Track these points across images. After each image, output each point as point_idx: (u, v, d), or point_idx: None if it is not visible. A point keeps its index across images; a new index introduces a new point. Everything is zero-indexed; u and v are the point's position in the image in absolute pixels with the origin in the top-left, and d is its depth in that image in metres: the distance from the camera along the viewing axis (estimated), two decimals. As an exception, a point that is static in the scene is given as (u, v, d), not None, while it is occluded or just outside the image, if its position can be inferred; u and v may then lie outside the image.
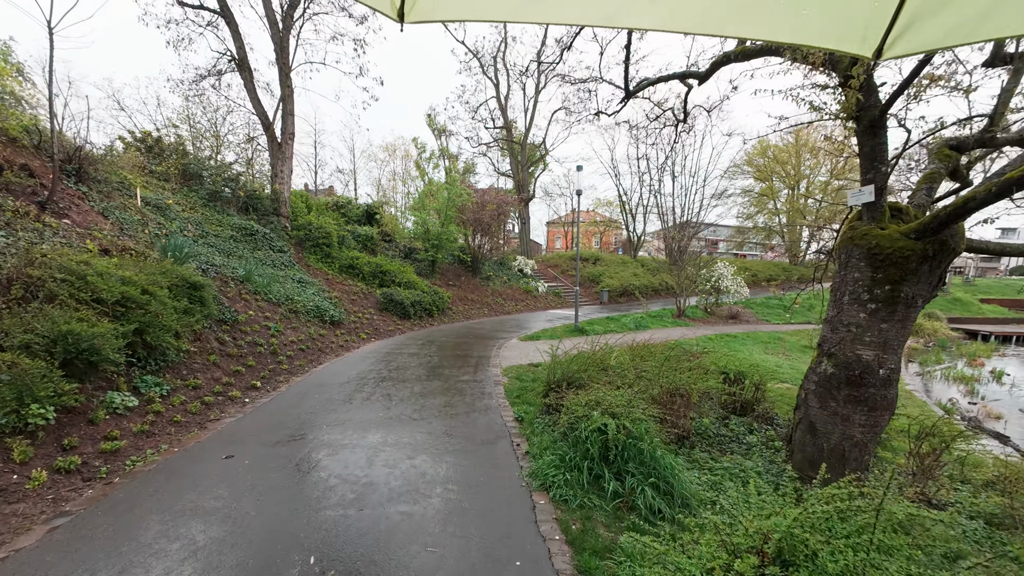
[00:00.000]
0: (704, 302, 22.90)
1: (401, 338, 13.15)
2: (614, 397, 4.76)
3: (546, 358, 11.39)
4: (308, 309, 11.57)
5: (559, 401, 5.74)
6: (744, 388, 8.27)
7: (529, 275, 24.97)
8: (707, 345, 15.72)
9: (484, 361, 10.26)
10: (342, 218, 19.53)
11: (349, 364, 9.52)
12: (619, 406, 4.58)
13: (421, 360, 10.06)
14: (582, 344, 13.83)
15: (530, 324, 17.24)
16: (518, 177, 30.81)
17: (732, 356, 12.05)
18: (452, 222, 20.19)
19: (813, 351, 5.38)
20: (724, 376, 8.63)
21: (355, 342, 11.86)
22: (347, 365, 9.43)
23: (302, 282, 12.84)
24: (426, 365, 9.57)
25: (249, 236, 13.32)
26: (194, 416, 6.02)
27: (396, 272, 16.84)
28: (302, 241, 15.70)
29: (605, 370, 7.21)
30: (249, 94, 15.41)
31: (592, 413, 4.46)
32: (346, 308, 13.47)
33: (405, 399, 7.11)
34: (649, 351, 9.51)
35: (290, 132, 15.79)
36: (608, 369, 7.21)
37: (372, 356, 10.36)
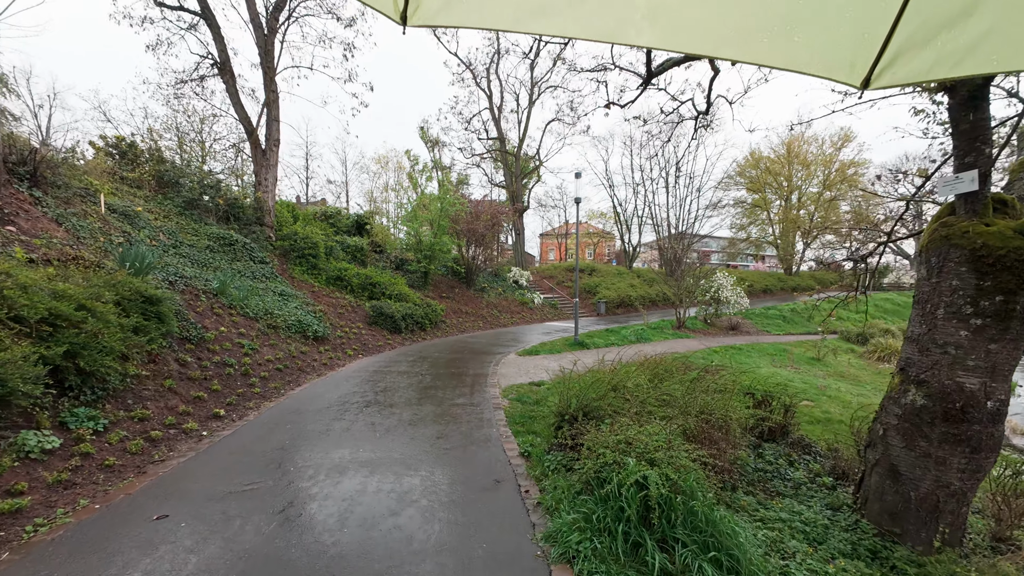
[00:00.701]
0: (704, 313, 22.04)
1: (391, 354, 12.06)
2: (648, 436, 3.75)
3: (547, 375, 10.38)
4: (289, 324, 10.48)
5: (576, 438, 4.70)
6: (772, 410, 7.30)
7: (524, 287, 24.00)
8: (712, 358, 14.79)
9: (480, 380, 9.21)
10: (331, 228, 18.48)
11: (332, 385, 8.42)
12: (657, 448, 3.57)
13: (412, 380, 8.98)
14: (585, 358, 12.84)
15: (527, 337, 16.22)
16: (512, 188, 30.00)
17: (752, 373, 11.10)
18: (445, 232, 19.22)
19: (818, 363, 4.42)
20: (749, 396, 7.66)
21: (341, 359, 10.75)
22: (329, 386, 8.33)
23: (284, 295, 11.75)
24: (417, 386, 8.50)
25: (228, 246, 12.24)
26: (133, 457, 4.90)
27: (387, 284, 15.78)
28: (287, 252, 14.63)
29: (617, 389, 6.20)
30: (232, 99, 14.43)
31: (626, 460, 3.44)
32: (332, 322, 12.38)
33: (392, 429, 6.04)
34: (666, 369, 8.53)
35: (275, 138, 14.81)
36: (624, 391, 6.19)
37: (358, 375, 9.27)
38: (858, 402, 11.62)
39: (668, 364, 9.29)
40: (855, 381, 14.77)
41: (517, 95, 30.06)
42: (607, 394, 5.41)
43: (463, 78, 29.99)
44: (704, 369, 9.67)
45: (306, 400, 7.40)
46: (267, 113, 14.71)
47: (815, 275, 36.69)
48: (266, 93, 14.55)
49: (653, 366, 9.09)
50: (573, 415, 5.03)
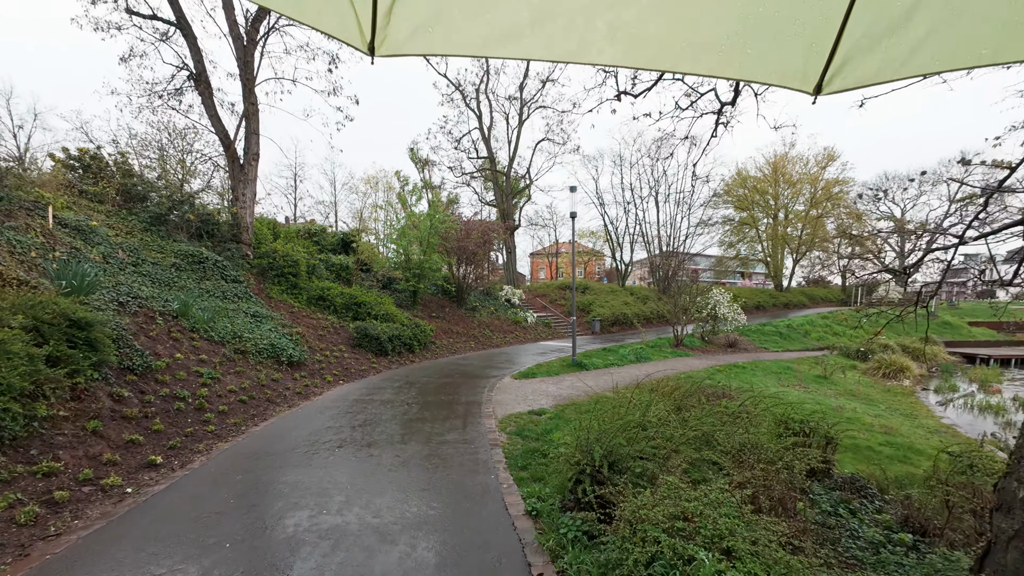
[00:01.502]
0: (700, 330, 21.09)
1: (375, 379, 10.83)
2: (713, 508, 2.64)
3: (548, 402, 9.21)
4: (260, 348, 9.25)
5: (602, 498, 3.55)
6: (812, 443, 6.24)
7: (517, 305, 22.93)
8: (717, 377, 13.76)
9: (474, 409, 8.03)
10: (315, 246, 17.32)
11: (303, 419, 7.19)
12: (730, 529, 2.46)
13: (396, 410, 7.77)
14: (586, 381, 11.72)
15: (522, 358, 15.07)
16: (502, 206, 29.19)
17: (778, 397, 10.06)
18: (435, 250, 18.16)
19: (825, 381, 3.41)
20: (783, 425, 6.60)
21: (318, 387, 9.51)
22: (300, 421, 7.10)
23: (257, 316, 10.52)
24: (402, 418, 7.30)
25: (197, 264, 11.03)
26: (20, 531, 3.66)
27: (373, 304, 14.60)
28: (265, 271, 13.43)
29: (645, 428, 5.09)
30: (208, 111, 13.41)
31: (693, 551, 2.32)
32: (311, 345, 11.14)
33: (369, 479, 4.84)
34: (685, 395, 7.46)
35: (254, 152, 13.76)
36: (651, 427, 5.09)
37: (335, 406, 8.04)
38: (879, 424, 10.62)
39: (686, 389, 8.23)
40: (867, 400, 13.81)
41: (507, 115, 29.56)
42: (637, 436, 4.27)
43: (452, 98, 29.46)
44: (722, 393, 8.60)
45: (269, 439, 6.16)
46: (246, 126, 13.68)
47: (805, 291, 36.18)
48: (245, 105, 13.55)
49: (668, 392, 8.02)
50: (597, 467, 3.87)
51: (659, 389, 8.01)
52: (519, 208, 33.32)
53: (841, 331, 25.46)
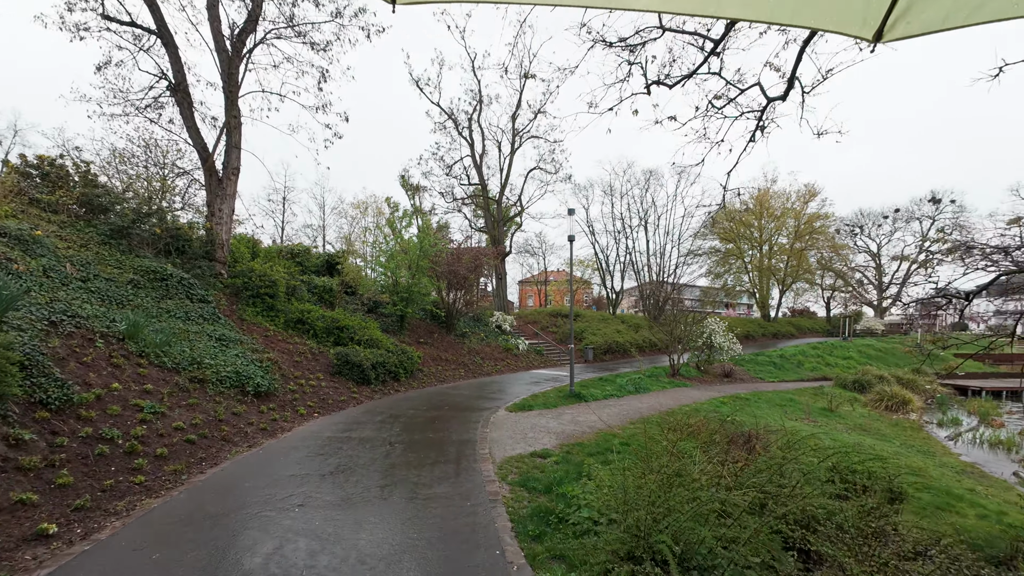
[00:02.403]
0: (696, 359, 20.07)
1: (356, 411, 9.47)
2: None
3: (551, 440, 7.84)
4: (222, 376, 7.89)
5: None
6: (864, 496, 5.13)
7: (508, 332, 21.72)
8: (723, 410, 12.64)
9: (467, 450, 6.75)
10: (297, 267, 16.06)
11: (262, 464, 5.84)
12: None
13: (376, 452, 6.46)
14: (587, 415, 10.48)
15: (515, 388, 13.79)
16: (493, 233, 28.34)
17: (816, 438, 8.95)
18: (425, 274, 17.02)
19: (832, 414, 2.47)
20: (837, 474, 5.48)
21: (288, 421, 8.12)
22: (258, 466, 5.75)
23: (223, 340, 9.17)
24: (382, 463, 5.99)
25: (158, 281, 9.70)
26: None
27: (356, 328, 13.29)
28: (239, 291, 12.10)
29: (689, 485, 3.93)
30: (186, 122, 12.35)
31: None
32: (284, 373, 9.77)
33: (334, 554, 3.56)
34: (712, 433, 6.34)
35: (234, 167, 12.65)
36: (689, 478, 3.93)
37: (305, 446, 6.69)
38: (906, 465, 9.56)
39: (710, 427, 7.11)
40: (880, 435, 12.80)
41: (499, 143, 29.09)
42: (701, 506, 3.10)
43: (445, 126, 28.96)
44: (748, 434, 7.47)
45: (213, 494, 4.81)
46: (227, 139, 12.62)
47: (792, 321, 35.73)
48: (227, 118, 12.53)
49: (690, 430, 6.88)
50: (658, 558, 2.65)
51: (679, 427, 6.85)
52: (511, 235, 32.53)
53: (834, 362, 24.70)
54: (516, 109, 28.39)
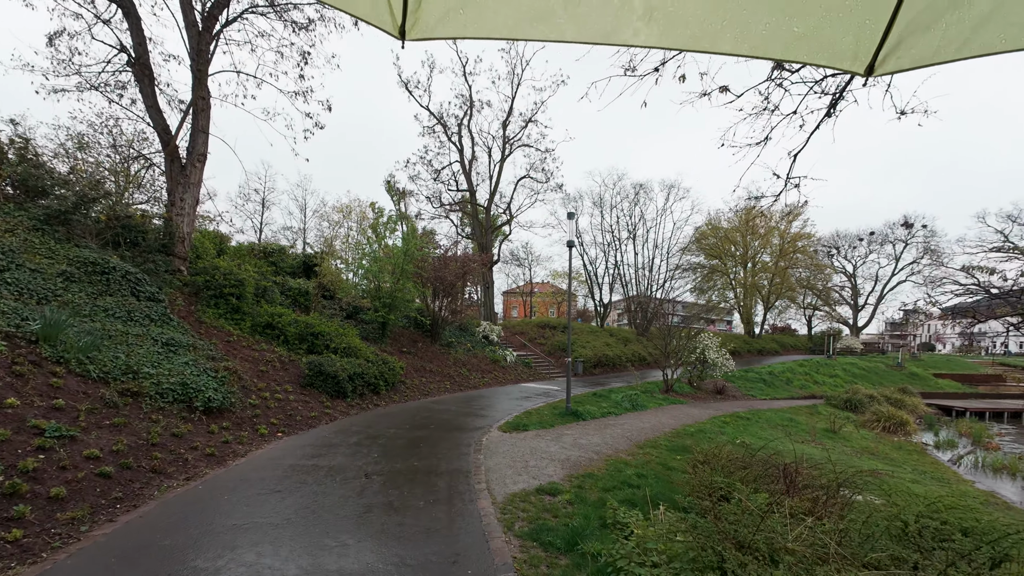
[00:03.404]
0: (688, 375, 19.15)
1: (328, 430, 8.08)
2: None
3: (557, 470, 6.53)
4: (164, 389, 6.46)
5: None
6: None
7: (495, 343, 20.45)
8: (728, 431, 11.64)
9: (460, 484, 5.48)
10: (270, 268, 14.58)
11: (197, 507, 4.46)
12: None
13: (348, 488, 5.14)
14: (589, 436, 9.28)
15: (505, 403, 12.53)
16: (481, 240, 27.17)
17: (889, 481, 7.89)
18: (409, 279, 15.71)
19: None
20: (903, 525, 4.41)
21: (244, 443, 6.70)
22: (190, 511, 4.38)
23: (172, 345, 7.70)
24: (355, 505, 4.68)
25: (98, 275, 8.20)
26: None
27: (333, 335, 11.88)
28: (200, 290, 10.60)
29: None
30: (146, 100, 10.92)
31: None
32: (245, 384, 8.34)
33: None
34: (745, 466, 5.24)
35: (200, 152, 11.22)
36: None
37: (260, 478, 5.32)
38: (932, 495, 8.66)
39: (730, 453, 6.01)
40: (887, 459, 11.97)
41: (489, 149, 28.05)
42: None
43: (434, 130, 27.82)
44: (786, 468, 6.38)
45: (114, 558, 3.44)
46: (192, 122, 11.22)
47: (775, 338, 35.45)
48: (194, 98, 11.13)
49: (724, 463, 5.77)
50: None
51: (711, 460, 5.73)
52: (499, 243, 31.42)
53: (821, 380, 24.18)
54: (507, 116, 27.52)
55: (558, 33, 1.59)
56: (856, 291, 45.41)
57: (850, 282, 45.29)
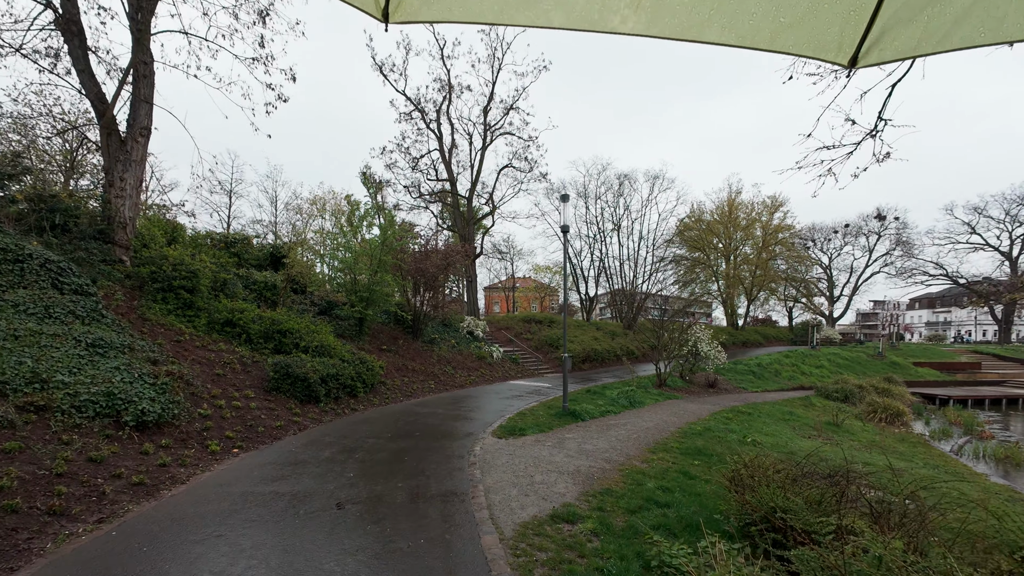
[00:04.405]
0: (679, 368, 18.47)
1: (295, 443, 6.88)
2: None
3: (569, 487, 5.40)
4: (83, 401, 5.17)
5: None
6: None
7: (481, 338, 19.34)
8: (733, 427, 10.89)
9: (458, 514, 4.41)
10: (232, 259, 13.12)
11: (95, 565, 3.27)
12: None
13: (315, 524, 4.01)
14: (594, 440, 8.28)
15: (495, 403, 11.49)
16: (463, 231, 25.95)
17: (965, 494, 7.08)
18: (387, 270, 14.45)
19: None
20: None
21: (188, 464, 5.46)
22: (87, 574, 3.19)
23: (100, 346, 6.35)
24: (323, 548, 3.56)
25: (10, 264, 6.77)
26: None
27: (303, 332, 10.59)
28: (146, 282, 9.18)
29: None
30: (75, 63, 9.37)
31: None
32: (196, 391, 7.05)
33: None
34: (791, 479, 4.32)
35: (142, 126, 9.74)
36: None
37: (198, 516, 4.13)
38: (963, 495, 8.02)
39: (786, 467, 5.10)
40: (896, 453, 11.44)
41: (470, 136, 26.78)
42: None
43: (411, 116, 26.38)
44: (835, 475, 5.51)
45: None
46: (134, 91, 9.72)
47: (759, 330, 35.36)
48: (134, 63, 9.62)
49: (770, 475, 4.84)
50: None
51: (755, 473, 4.81)
52: (483, 234, 30.23)
53: (808, 371, 23.96)
54: (488, 102, 26.30)
55: (545, 19, 1.58)
56: (832, 283, 46.03)
57: (826, 274, 45.88)
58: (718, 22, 1.55)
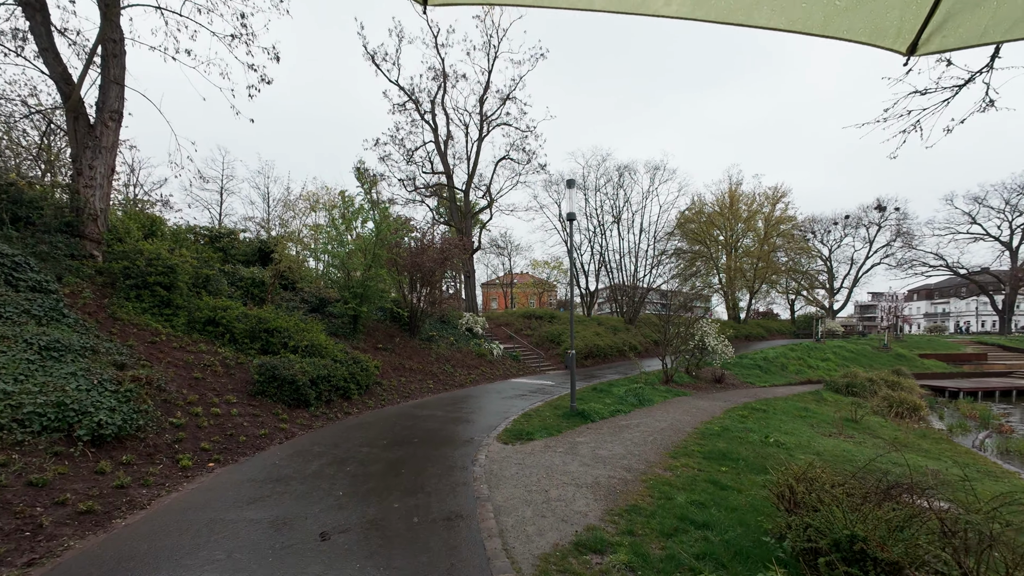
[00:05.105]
0: (685, 363, 17.83)
1: (280, 453, 6.16)
2: None
3: (591, 505, 4.49)
4: (28, 413, 4.43)
5: None
6: None
7: (480, 335, 18.64)
8: (747, 424, 10.26)
9: (462, 539, 3.71)
10: (218, 254, 12.34)
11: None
12: None
13: (293, 563, 3.31)
14: (609, 444, 7.55)
15: (498, 404, 10.80)
16: (460, 226, 25.19)
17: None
18: (382, 265, 13.70)
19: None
20: None
21: (152, 484, 4.74)
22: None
23: (56, 349, 5.60)
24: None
25: (-47, 256, 6.01)
26: None
27: (292, 331, 9.86)
28: (118, 278, 8.41)
29: None
30: (38, 41, 8.56)
31: None
32: (168, 397, 6.32)
33: None
34: (865, 498, 3.64)
35: (113, 109, 8.94)
36: None
37: (151, 554, 3.42)
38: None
39: (847, 480, 4.42)
40: (923, 452, 10.84)
41: (467, 127, 25.93)
42: None
43: (405, 107, 25.51)
44: (900, 487, 4.85)
45: None
46: (103, 71, 8.91)
47: (761, 323, 34.81)
48: (102, 39, 8.81)
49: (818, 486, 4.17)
50: None
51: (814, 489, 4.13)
52: (481, 227, 29.46)
53: (815, 364, 23.40)
54: (485, 91, 25.47)
55: (587, 1, 1.48)
56: (832, 275, 45.52)
57: (826, 266, 45.36)
58: (768, 4, 1.45)
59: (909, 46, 1.50)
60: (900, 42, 1.50)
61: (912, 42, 1.48)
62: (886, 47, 1.53)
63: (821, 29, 1.48)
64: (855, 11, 1.45)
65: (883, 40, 1.51)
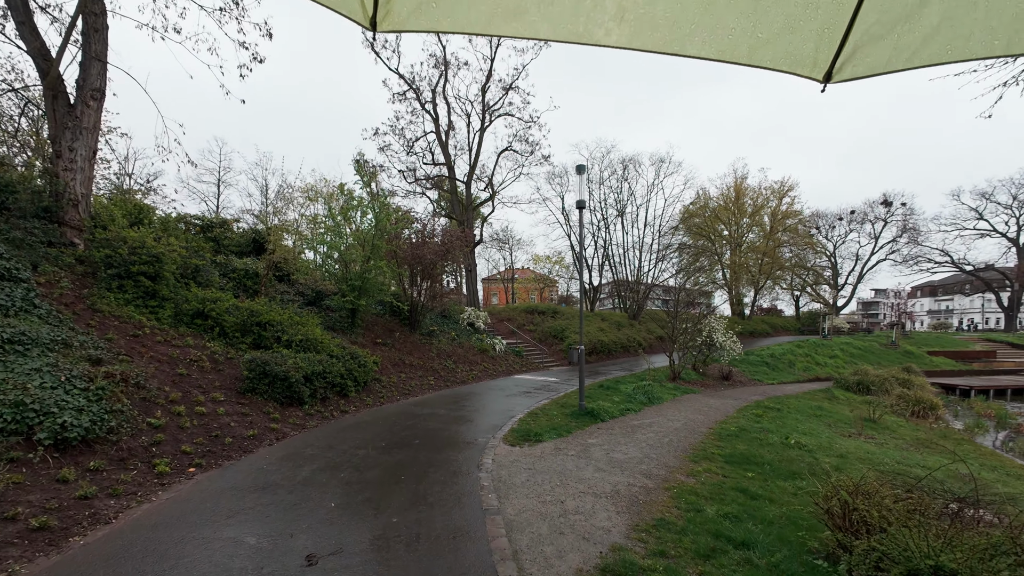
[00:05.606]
0: (692, 360, 17.33)
1: (269, 457, 5.65)
2: None
3: (610, 515, 3.61)
4: (-23, 416, 3.90)
5: None
6: None
7: (482, 330, 18.13)
8: (763, 424, 9.76)
9: (467, 559, 3.20)
10: (210, 244, 11.80)
11: None
12: None
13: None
14: (623, 446, 6.90)
15: (502, 402, 10.30)
16: (462, 218, 24.61)
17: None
18: (382, 256, 13.16)
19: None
20: None
21: (122, 494, 4.23)
22: None
23: (20, 343, 5.07)
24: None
25: (-92, 240, 5.47)
26: None
27: (286, 324, 9.34)
28: (100, 268, 7.88)
29: None
30: (15, 15, 7.99)
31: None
32: (147, 396, 5.81)
33: None
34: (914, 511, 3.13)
35: (94, 87, 8.37)
36: None
37: None
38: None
39: (908, 494, 3.92)
40: (949, 454, 10.38)
41: (468, 116, 25.30)
42: None
43: (406, 96, 24.88)
44: (964, 500, 4.33)
45: None
46: (84, 46, 8.34)
47: (766, 319, 34.31)
48: (82, 11, 8.22)
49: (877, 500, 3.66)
50: None
51: (874, 507, 3.61)
52: (483, 220, 28.88)
53: (823, 361, 22.91)
54: (487, 80, 24.82)
55: (532, 30, 1.58)
56: (836, 271, 44.95)
57: (830, 262, 44.78)
58: (699, 37, 1.55)
59: (824, 74, 1.61)
60: (817, 71, 1.61)
61: (827, 71, 1.60)
62: (805, 75, 1.64)
63: (747, 59, 1.59)
64: (775, 43, 1.56)
65: (802, 69, 1.62)
